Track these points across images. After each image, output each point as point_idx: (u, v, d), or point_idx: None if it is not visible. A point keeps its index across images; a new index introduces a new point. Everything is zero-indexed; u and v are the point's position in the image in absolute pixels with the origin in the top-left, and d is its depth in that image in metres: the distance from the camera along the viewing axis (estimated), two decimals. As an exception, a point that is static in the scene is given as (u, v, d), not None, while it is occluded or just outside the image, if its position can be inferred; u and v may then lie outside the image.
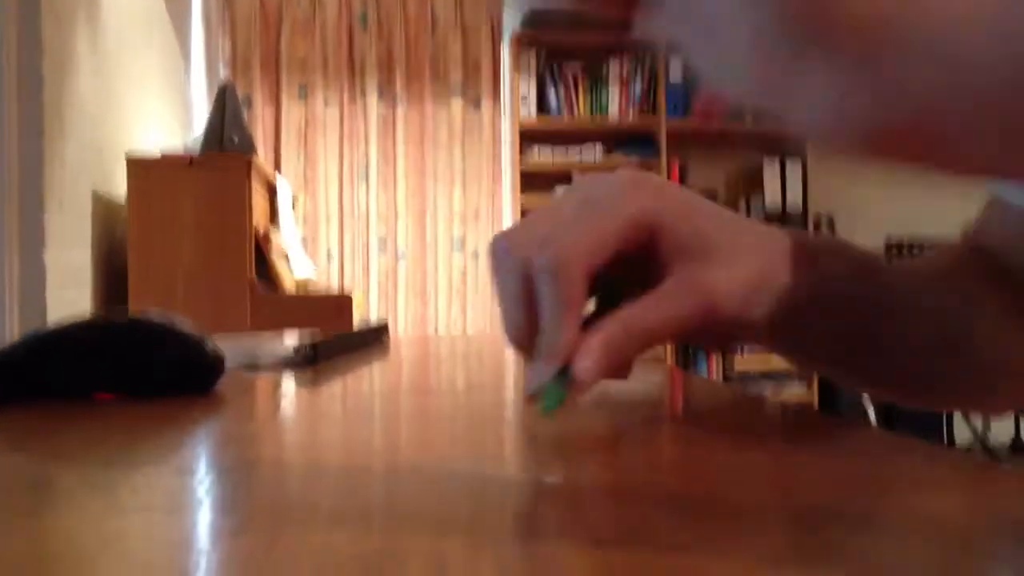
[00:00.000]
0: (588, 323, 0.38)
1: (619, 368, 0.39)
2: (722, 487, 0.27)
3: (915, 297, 0.48)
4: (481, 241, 3.91)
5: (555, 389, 0.37)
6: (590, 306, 0.41)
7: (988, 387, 0.51)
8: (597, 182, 0.41)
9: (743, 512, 0.24)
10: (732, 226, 0.41)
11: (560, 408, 0.37)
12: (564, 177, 3.74)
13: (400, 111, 3.88)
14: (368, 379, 0.62)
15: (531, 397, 0.38)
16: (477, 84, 3.91)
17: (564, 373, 0.37)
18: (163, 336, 0.50)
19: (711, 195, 3.87)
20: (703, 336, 0.43)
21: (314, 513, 0.23)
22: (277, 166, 3.78)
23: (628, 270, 0.40)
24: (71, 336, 0.50)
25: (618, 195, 0.40)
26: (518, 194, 3.74)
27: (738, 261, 0.40)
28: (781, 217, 3.76)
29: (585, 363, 0.36)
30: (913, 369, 0.48)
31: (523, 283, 0.39)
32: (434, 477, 0.28)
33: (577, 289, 0.37)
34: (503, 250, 0.40)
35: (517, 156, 3.77)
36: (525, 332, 0.40)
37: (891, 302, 0.47)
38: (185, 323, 0.51)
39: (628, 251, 0.39)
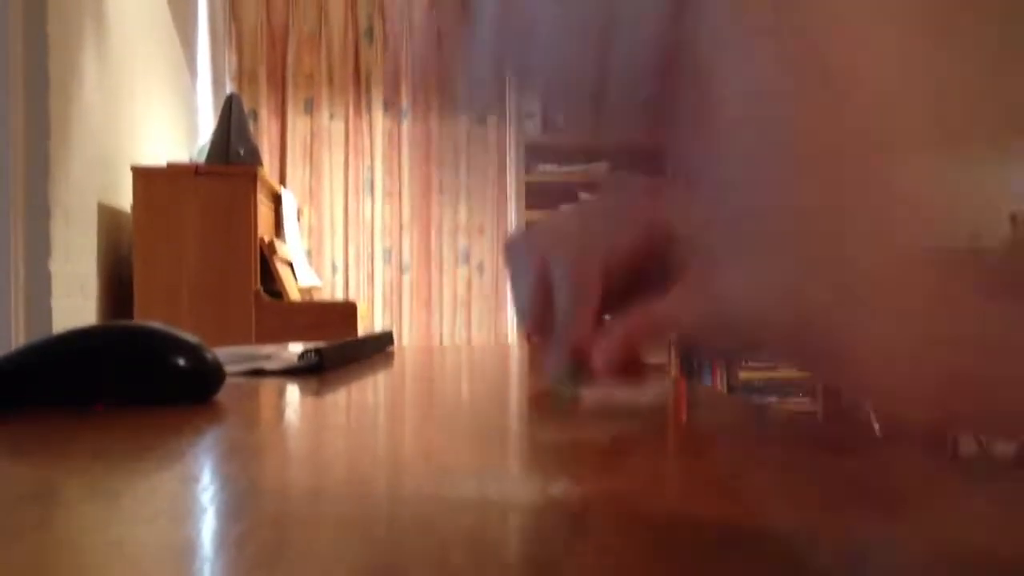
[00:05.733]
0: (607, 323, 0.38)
1: (633, 363, 0.39)
2: (727, 498, 0.27)
3: None
4: (486, 254, 3.92)
5: (570, 380, 0.37)
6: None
7: None
8: (614, 189, 0.42)
9: (748, 525, 0.24)
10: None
11: (573, 397, 0.37)
12: (569, 192, 3.74)
13: (405, 125, 3.89)
14: (373, 388, 0.62)
15: (545, 393, 0.38)
16: (483, 98, 3.92)
17: (579, 370, 0.37)
18: (163, 345, 0.50)
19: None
20: (719, 339, 0.42)
21: (318, 522, 0.23)
22: (283, 180, 3.79)
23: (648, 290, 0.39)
24: (72, 345, 0.50)
25: (637, 199, 0.40)
26: (523, 209, 3.75)
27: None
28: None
29: (601, 353, 0.36)
30: None
31: (539, 277, 0.39)
32: (438, 488, 0.28)
33: (592, 281, 0.37)
34: (519, 245, 0.41)
35: (522, 171, 3.77)
36: (542, 325, 0.40)
37: None
38: (184, 333, 0.51)
39: (648, 254, 0.39)
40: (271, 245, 2.56)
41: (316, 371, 0.68)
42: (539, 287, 0.39)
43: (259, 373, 0.67)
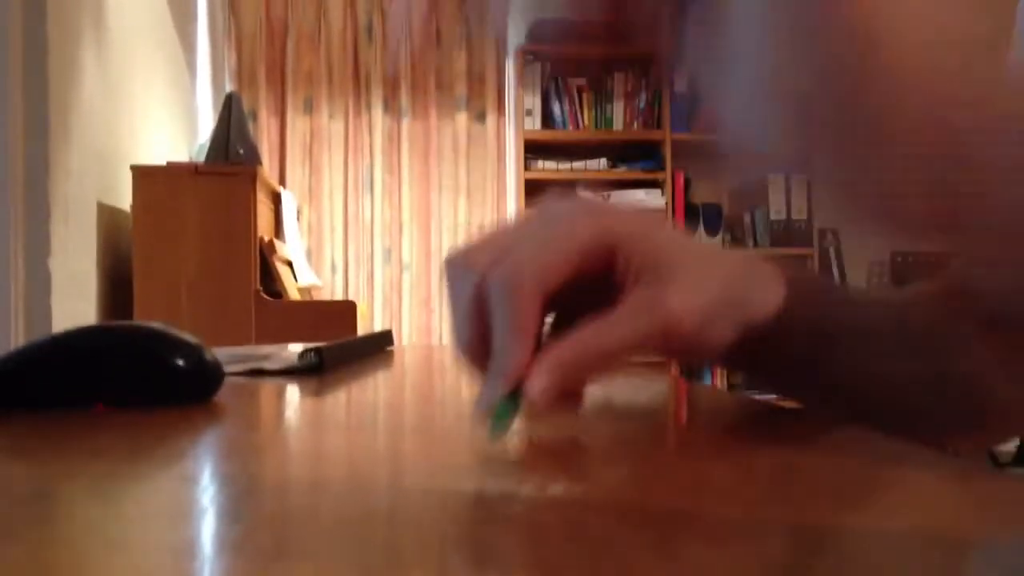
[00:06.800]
0: (544, 347, 0.38)
1: (573, 392, 0.39)
2: (727, 498, 0.27)
3: (897, 335, 0.48)
4: (485, 253, 3.92)
5: (504, 410, 0.36)
6: (547, 331, 0.40)
7: (969, 423, 0.50)
8: (556, 206, 0.41)
9: (747, 525, 0.24)
10: (693, 250, 0.40)
11: (508, 429, 0.36)
12: (568, 190, 3.73)
13: (405, 124, 3.89)
14: (372, 387, 0.62)
15: (481, 417, 0.36)
16: (482, 98, 3.92)
17: (515, 395, 0.36)
18: (163, 345, 0.50)
19: (716, 208, 3.87)
20: (663, 354, 0.42)
21: (318, 522, 0.23)
22: (282, 179, 3.79)
23: (587, 295, 0.39)
24: (72, 345, 0.49)
25: (576, 218, 0.40)
26: (523, 206, 3.75)
27: (698, 283, 0.39)
28: (785, 231, 3.76)
29: (537, 384, 0.35)
30: (892, 407, 0.48)
31: (476, 300, 0.38)
32: (437, 488, 0.28)
33: (530, 308, 0.36)
34: (458, 265, 0.40)
35: (522, 169, 3.77)
36: (476, 349, 0.39)
37: (870, 339, 0.47)
38: (183, 333, 0.51)
39: (586, 273, 0.38)
40: (271, 244, 2.56)
41: (316, 371, 0.68)
42: (475, 311, 0.38)
43: (259, 373, 0.67)
